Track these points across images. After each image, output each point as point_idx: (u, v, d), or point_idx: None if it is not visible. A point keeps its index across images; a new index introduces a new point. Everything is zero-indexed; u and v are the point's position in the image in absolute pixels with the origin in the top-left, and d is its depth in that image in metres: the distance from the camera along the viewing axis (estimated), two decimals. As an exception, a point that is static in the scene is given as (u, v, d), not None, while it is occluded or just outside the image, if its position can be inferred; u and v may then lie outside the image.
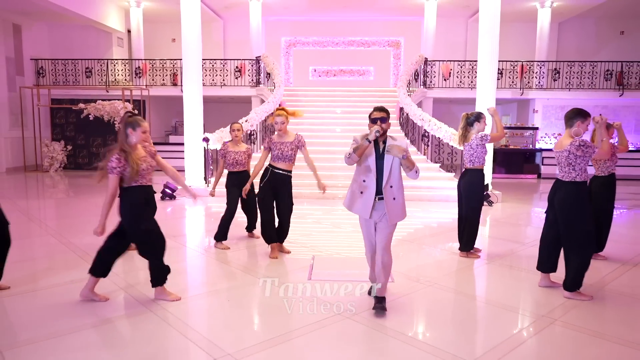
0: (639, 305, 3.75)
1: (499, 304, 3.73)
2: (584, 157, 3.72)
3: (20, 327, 3.23)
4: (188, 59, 9.18)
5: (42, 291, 3.89)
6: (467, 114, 5.02)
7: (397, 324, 3.29)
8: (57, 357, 2.80)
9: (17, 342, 2.98)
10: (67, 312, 3.44)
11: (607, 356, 2.93)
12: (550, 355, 2.93)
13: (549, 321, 3.38)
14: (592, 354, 2.94)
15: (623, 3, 13.60)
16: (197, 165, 9.25)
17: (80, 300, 3.62)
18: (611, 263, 4.90)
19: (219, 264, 4.75)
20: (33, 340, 3.00)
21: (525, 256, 5.09)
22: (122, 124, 3.41)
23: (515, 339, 3.11)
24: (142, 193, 3.47)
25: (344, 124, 11.75)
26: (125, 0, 14.09)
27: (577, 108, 3.87)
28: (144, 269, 3.86)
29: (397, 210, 3.36)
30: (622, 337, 3.13)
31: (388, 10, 15.15)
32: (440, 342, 3.03)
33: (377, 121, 3.31)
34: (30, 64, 14.01)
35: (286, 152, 4.71)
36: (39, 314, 3.40)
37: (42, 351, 2.86)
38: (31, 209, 7.83)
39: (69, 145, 13.58)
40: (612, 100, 13.50)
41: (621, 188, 10.32)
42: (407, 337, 3.09)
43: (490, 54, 8.94)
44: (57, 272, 4.38)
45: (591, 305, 3.70)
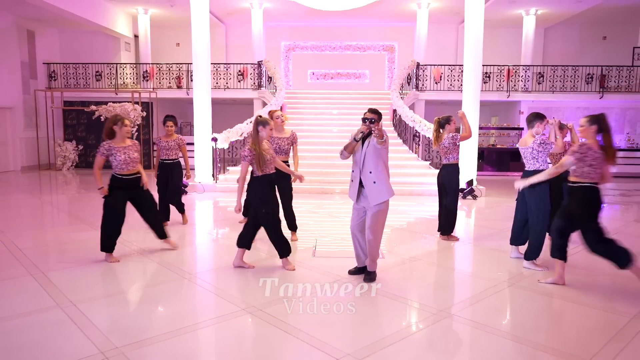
0: (590, 275, 4.56)
1: (471, 273, 4.54)
2: (544, 151, 4.57)
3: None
4: (198, 64, 9.95)
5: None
6: (438, 118, 5.81)
7: (386, 287, 4.09)
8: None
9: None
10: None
11: (548, 308, 3.75)
12: (503, 308, 3.75)
13: (508, 284, 4.19)
14: (538, 307, 3.76)
15: (605, 10, 14.47)
16: (206, 163, 10.02)
17: (233, 267, 4.55)
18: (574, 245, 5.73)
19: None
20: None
21: (500, 238, 5.90)
22: (254, 123, 4.36)
23: (480, 296, 3.92)
24: (266, 180, 4.39)
25: (340, 124, 12.54)
26: (133, 8, 14.84)
27: (535, 112, 4.72)
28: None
29: (376, 192, 3.95)
30: (566, 296, 3.95)
31: (382, 16, 15.97)
32: (422, 300, 3.85)
33: (366, 121, 3.92)
34: (43, 67, 14.74)
35: (283, 146, 5.48)
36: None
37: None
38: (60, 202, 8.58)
39: (80, 144, 14.32)
40: (592, 102, 14.36)
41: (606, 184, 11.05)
42: (394, 296, 3.89)
43: (475, 59, 9.76)
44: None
45: (547, 274, 4.52)
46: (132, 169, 4.72)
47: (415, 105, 14.14)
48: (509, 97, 14.34)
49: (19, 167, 13.65)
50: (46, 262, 4.86)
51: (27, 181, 11.58)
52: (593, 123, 4.02)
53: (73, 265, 4.68)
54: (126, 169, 4.68)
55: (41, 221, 7.31)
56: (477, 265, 4.96)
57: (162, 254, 5.08)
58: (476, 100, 9.77)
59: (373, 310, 3.61)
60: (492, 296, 3.94)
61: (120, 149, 4.65)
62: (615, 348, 3.02)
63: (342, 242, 5.63)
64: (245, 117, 14.25)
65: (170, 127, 6.31)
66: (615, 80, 14.27)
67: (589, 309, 3.67)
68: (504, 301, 3.90)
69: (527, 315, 3.60)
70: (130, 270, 4.60)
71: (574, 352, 2.95)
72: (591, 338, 3.19)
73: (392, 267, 4.68)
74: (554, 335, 3.26)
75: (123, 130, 4.67)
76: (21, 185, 10.87)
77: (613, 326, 3.35)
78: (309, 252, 5.19)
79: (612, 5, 14.04)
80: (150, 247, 5.27)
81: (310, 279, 4.27)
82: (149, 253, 5.11)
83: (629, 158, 13.86)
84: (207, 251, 5.56)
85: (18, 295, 3.87)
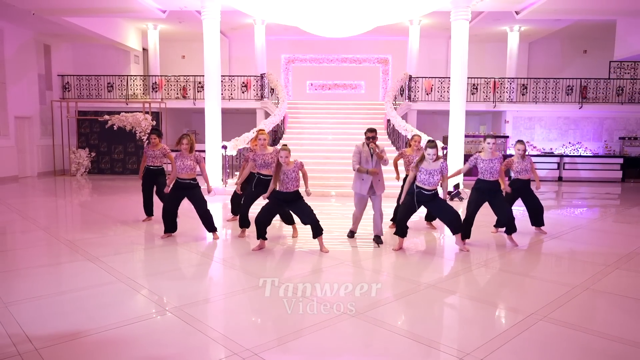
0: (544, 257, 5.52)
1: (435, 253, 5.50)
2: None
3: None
4: (209, 78, 10.90)
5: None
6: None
7: (389, 263, 5.03)
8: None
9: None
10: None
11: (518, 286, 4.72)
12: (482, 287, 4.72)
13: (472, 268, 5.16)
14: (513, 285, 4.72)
15: (585, 26, 15.56)
16: (216, 169, 10.95)
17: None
18: (543, 237, 6.71)
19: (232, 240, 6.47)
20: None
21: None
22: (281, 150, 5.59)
23: (459, 272, 4.87)
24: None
25: (338, 132, 13.52)
26: (143, 24, 15.80)
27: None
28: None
29: (380, 185, 5.97)
30: (524, 272, 4.92)
31: (377, 30, 16.90)
32: (417, 277, 4.80)
33: (370, 139, 5.88)
34: (58, 79, 15.65)
35: (268, 160, 6.31)
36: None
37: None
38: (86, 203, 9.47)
39: (93, 152, 15.20)
40: (572, 112, 15.42)
41: (583, 188, 12.14)
42: (396, 274, 4.83)
43: (461, 74, 10.78)
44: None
45: (521, 253, 5.48)
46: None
47: (407, 115, 15.15)
48: (495, 107, 15.38)
49: (35, 173, 14.51)
50: (95, 250, 5.78)
51: (45, 185, 12.46)
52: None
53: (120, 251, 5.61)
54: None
55: (78, 219, 8.21)
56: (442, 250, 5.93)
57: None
58: (462, 110, 10.77)
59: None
60: (464, 274, 4.89)
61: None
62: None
63: (341, 237, 6.56)
64: (249, 126, 15.21)
65: (154, 140, 7.25)
66: (593, 92, 15.35)
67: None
68: (483, 280, 4.86)
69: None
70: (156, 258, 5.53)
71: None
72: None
73: (389, 245, 5.64)
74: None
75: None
76: (44, 189, 11.75)
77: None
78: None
79: (590, 22, 15.13)
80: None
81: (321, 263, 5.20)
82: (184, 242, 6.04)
83: (606, 164, 14.90)
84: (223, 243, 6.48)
85: (79, 274, 4.79)
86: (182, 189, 6.21)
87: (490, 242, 6.37)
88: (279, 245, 6.10)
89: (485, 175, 6.12)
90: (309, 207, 5.74)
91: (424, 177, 5.55)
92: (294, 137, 13.35)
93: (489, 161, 6.06)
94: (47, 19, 12.46)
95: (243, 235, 6.56)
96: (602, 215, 9.19)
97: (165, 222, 6.32)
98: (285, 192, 5.58)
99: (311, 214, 5.69)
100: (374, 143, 5.86)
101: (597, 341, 3.30)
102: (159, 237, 6.35)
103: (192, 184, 6.21)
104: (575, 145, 15.57)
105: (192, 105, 15.72)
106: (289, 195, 5.61)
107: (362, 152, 5.89)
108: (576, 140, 15.61)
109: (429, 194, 5.61)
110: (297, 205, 5.71)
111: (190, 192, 6.23)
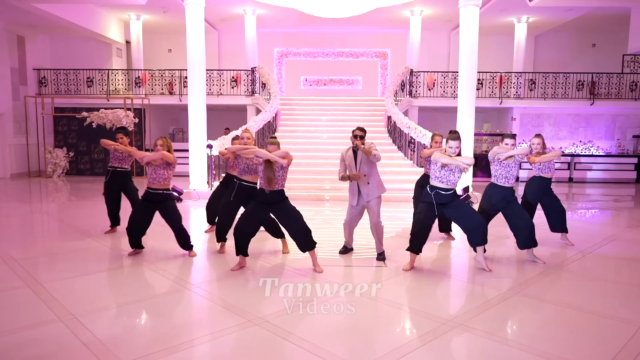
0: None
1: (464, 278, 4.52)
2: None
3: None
4: (193, 71, 9.88)
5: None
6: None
7: (388, 295, 4.06)
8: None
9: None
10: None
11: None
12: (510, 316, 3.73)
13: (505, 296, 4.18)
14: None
15: (595, 17, 14.67)
16: (201, 170, 9.93)
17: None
18: (571, 250, 5.75)
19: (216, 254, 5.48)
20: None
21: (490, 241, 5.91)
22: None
23: (481, 306, 3.90)
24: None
25: (334, 131, 12.53)
26: (125, 13, 14.73)
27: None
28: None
29: (371, 189, 5.05)
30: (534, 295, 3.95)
31: (375, 22, 16.03)
32: (439, 310, 3.81)
33: (357, 137, 4.98)
34: (33, 74, 14.55)
35: (251, 165, 5.28)
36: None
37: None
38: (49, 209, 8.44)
39: (71, 151, 14.14)
40: (583, 109, 14.51)
41: (598, 190, 11.20)
42: (394, 303, 3.85)
43: (470, 66, 9.81)
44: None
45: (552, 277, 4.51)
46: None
47: (408, 111, 14.18)
48: (502, 104, 14.44)
49: (8, 175, 13.42)
50: (41, 272, 4.75)
51: (15, 188, 11.38)
52: None
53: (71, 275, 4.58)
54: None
55: (38, 230, 7.17)
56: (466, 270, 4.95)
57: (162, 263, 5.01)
58: (471, 107, 9.81)
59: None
60: (497, 307, 3.93)
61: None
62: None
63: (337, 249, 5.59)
64: (239, 124, 14.20)
65: (121, 139, 6.34)
66: (605, 87, 14.44)
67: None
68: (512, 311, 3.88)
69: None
70: (129, 281, 4.52)
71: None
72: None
73: (390, 278, 4.66)
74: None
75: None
76: (12, 193, 10.67)
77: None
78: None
79: (601, 14, 14.23)
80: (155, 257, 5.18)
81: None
82: (146, 262, 5.03)
83: (619, 164, 14.01)
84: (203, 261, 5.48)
85: (10, 309, 3.77)
86: (153, 201, 5.20)
87: (509, 257, 5.43)
88: (262, 262, 5.11)
89: (499, 180, 5.18)
90: (297, 211, 4.76)
91: (443, 174, 4.65)
92: (286, 136, 12.34)
93: (506, 164, 5.12)
94: (17, 6, 11.37)
95: (222, 250, 5.57)
96: (630, 222, 8.26)
97: (130, 237, 5.30)
98: (267, 191, 4.62)
99: (300, 220, 4.72)
100: (359, 141, 4.96)
101: None
102: (126, 255, 5.35)
103: (164, 195, 5.20)
104: (586, 144, 14.66)
105: (178, 101, 14.66)
106: (271, 195, 4.64)
107: (345, 157, 5.12)
108: (587, 139, 14.71)
109: (447, 194, 4.68)
110: (281, 209, 4.72)
111: (163, 205, 5.21)
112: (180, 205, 8.97)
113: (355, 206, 5.16)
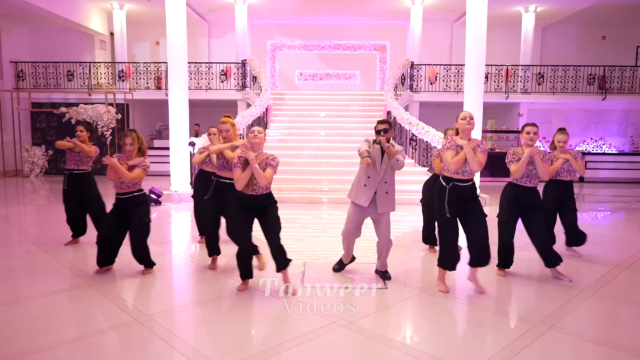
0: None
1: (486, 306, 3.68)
2: None
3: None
4: (173, 63, 9.04)
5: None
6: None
7: (387, 331, 3.23)
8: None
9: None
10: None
11: None
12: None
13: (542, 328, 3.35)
14: None
15: (604, 9, 13.83)
16: (183, 170, 9.09)
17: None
18: (596, 265, 4.92)
19: (205, 270, 4.64)
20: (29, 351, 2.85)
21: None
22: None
23: (517, 344, 3.07)
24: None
25: (331, 127, 11.69)
26: (107, 3, 13.85)
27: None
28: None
29: (387, 202, 4.19)
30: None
31: (374, 14, 15.17)
32: (432, 348, 2.97)
33: (380, 132, 4.10)
34: (10, 67, 13.68)
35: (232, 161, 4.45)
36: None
37: None
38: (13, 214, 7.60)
39: (50, 149, 13.27)
40: (594, 104, 13.69)
41: (606, 190, 10.37)
42: (396, 343, 3.02)
43: (477, 58, 8.95)
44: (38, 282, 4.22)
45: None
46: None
47: (409, 106, 13.33)
48: (508, 99, 13.61)
49: (-18, 174, 12.58)
50: None
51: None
52: None
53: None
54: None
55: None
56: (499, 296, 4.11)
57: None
58: (479, 102, 8.98)
59: None
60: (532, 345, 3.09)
61: None
62: None
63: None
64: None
65: (81, 133, 5.53)
66: (617, 81, 13.61)
67: None
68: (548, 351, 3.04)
69: None
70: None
71: None
72: None
73: (393, 303, 3.82)
74: None
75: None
76: None
77: None
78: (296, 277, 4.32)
79: (612, 4, 13.38)
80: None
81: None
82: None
83: (632, 163, 13.20)
84: (187, 277, 4.64)
85: None
86: (123, 208, 4.37)
87: (529, 274, 4.60)
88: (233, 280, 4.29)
89: (521, 180, 4.36)
90: (279, 222, 3.96)
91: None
92: (278, 134, 11.50)
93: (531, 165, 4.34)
94: (-14, -8, 10.53)
95: (214, 266, 4.71)
96: (627, 223, 7.47)
97: (99, 252, 4.41)
98: (254, 195, 3.87)
99: (278, 233, 3.92)
100: (383, 137, 4.09)
101: None
102: (93, 272, 4.47)
103: (135, 199, 4.38)
104: (597, 142, 13.84)
105: (164, 96, 13.76)
106: (258, 199, 3.89)
107: (372, 148, 4.18)
108: (598, 136, 13.89)
109: (466, 185, 3.89)
110: (268, 215, 3.93)
111: (134, 210, 4.36)
112: (160, 209, 8.21)
113: (365, 209, 4.20)
